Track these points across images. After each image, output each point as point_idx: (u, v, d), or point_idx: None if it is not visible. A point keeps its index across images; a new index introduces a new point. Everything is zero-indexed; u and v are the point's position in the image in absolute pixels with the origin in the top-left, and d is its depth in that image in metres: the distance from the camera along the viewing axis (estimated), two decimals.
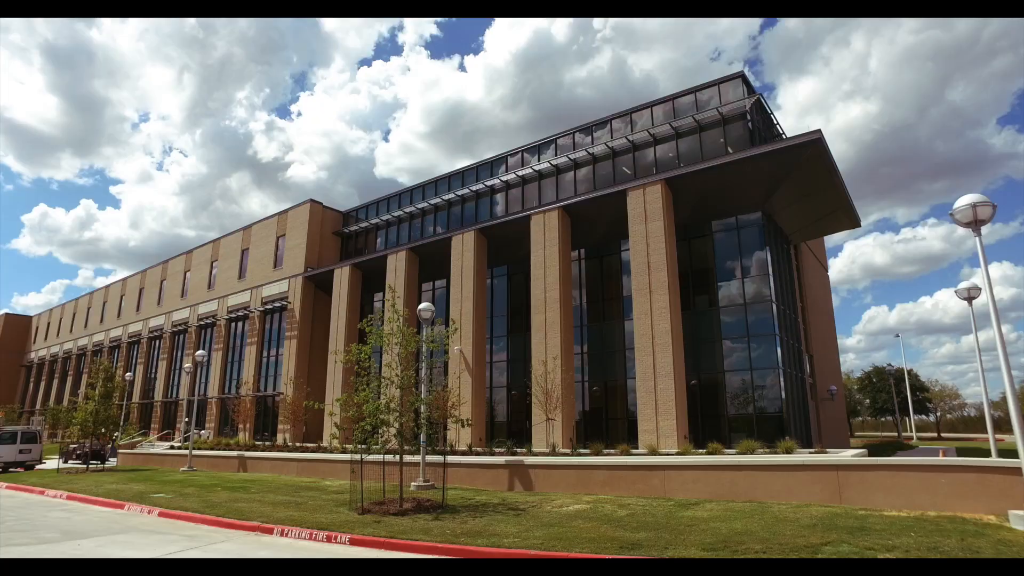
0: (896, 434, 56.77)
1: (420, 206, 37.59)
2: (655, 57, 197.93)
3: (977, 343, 16.71)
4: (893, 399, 54.08)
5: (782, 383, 22.85)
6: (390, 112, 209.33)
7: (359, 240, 41.86)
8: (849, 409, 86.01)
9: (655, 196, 23.64)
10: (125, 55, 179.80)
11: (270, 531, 10.92)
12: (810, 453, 13.71)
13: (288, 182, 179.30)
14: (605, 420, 27.43)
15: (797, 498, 11.42)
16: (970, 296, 16.55)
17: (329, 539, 10.11)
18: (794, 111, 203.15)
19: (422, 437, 15.45)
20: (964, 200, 9.38)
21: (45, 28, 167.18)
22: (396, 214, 39.06)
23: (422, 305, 16.99)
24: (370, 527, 10.49)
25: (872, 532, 8.63)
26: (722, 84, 25.79)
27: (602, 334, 28.32)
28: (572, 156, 30.31)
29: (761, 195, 23.91)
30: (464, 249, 30.42)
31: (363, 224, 41.23)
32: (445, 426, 28.10)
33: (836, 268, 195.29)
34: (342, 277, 36.50)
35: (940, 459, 10.66)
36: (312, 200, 41.03)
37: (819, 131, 20.13)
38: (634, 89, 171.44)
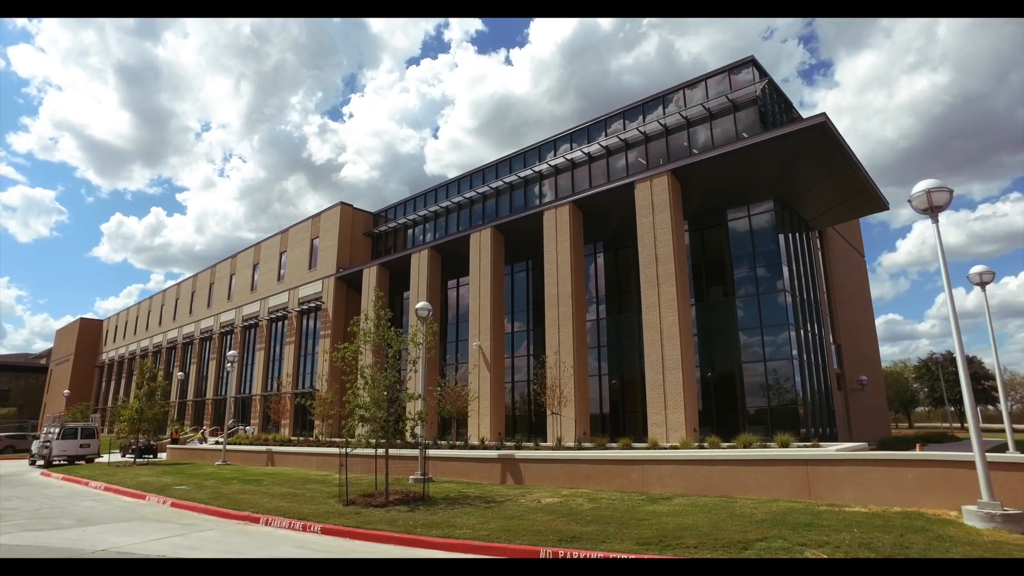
0: (951, 425, 53.57)
1: (444, 204, 38.35)
2: (704, 40, 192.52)
3: (991, 329, 15.83)
4: (942, 388, 51.04)
5: (797, 374, 22.24)
6: (439, 109, 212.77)
7: (388, 240, 43.07)
8: (907, 399, 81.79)
9: (662, 187, 23.36)
10: (187, 68, 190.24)
11: (257, 520, 11.73)
12: (797, 447, 13.42)
13: (342, 182, 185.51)
14: (623, 413, 27.39)
15: (768, 493, 11.29)
16: (982, 281, 15.71)
17: (304, 528, 10.79)
18: (853, 87, 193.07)
19: (419, 431, 16.10)
20: (919, 186, 9.04)
21: (118, 49, 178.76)
22: (422, 213, 39.98)
23: (419, 304, 17.52)
24: (344, 517, 11.12)
25: (816, 528, 8.54)
26: (733, 69, 25.13)
27: (620, 327, 28.23)
28: (586, 150, 30.25)
29: (774, 182, 23.24)
30: (481, 246, 30.89)
31: (391, 224, 42.40)
32: (463, 420, 28.81)
33: (904, 250, 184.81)
34: (370, 276, 37.70)
35: (906, 453, 10.30)
36: (342, 202, 42.49)
37: (823, 114, 19.38)
38: (682, 73, 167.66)
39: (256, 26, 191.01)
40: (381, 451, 13.72)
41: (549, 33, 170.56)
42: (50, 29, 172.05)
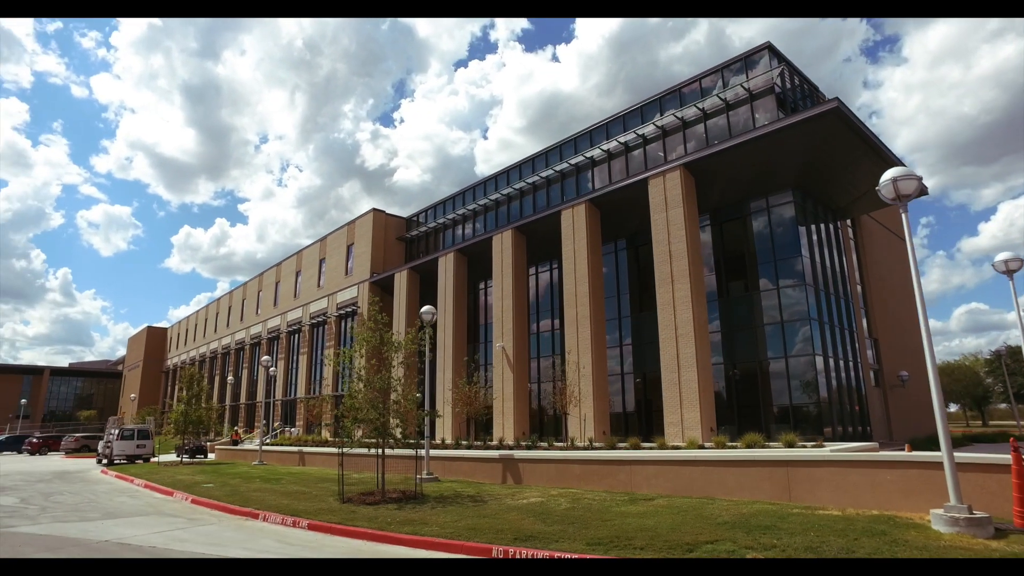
0: (1018, 423, 49.75)
1: (471, 207, 38.86)
2: (756, 23, 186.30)
3: (1020, 319, 14.79)
4: (1007, 383, 47.43)
5: (823, 370, 21.39)
6: (487, 110, 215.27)
7: (420, 244, 44.03)
8: (979, 395, 76.23)
9: (674, 183, 22.96)
10: (245, 83, 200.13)
11: (256, 516, 12.45)
12: (800, 447, 12.98)
13: (395, 187, 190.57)
14: (647, 412, 27.04)
15: (750, 494, 11.03)
16: (1009, 269, 14.70)
17: (294, 524, 11.40)
18: (924, 62, 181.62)
19: (427, 432, 16.59)
20: (886, 175, 8.67)
21: (183, 70, 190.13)
22: (451, 216, 40.67)
23: (424, 308, 17.98)
24: (332, 514, 11.65)
25: (773, 531, 8.33)
26: (749, 58, 24.40)
27: (641, 325, 27.88)
28: (605, 147, 30.03)
29: (795, 171, 22.44)
30: (503, 248, 31.19)
31: (422, 228, 43.32)
32: (488, 421, 29.15)
33: (989, 233, 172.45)
34: (401, 281, 38.68)
35: (887, 454, 9.82)
36: (375, 209, 43.77)
37: (836, 99, 18.56)
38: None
39: (308, 39, 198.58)
40: (394, 451, 14.24)
41: (596, 27, 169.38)
42: (125, 57, 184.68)
